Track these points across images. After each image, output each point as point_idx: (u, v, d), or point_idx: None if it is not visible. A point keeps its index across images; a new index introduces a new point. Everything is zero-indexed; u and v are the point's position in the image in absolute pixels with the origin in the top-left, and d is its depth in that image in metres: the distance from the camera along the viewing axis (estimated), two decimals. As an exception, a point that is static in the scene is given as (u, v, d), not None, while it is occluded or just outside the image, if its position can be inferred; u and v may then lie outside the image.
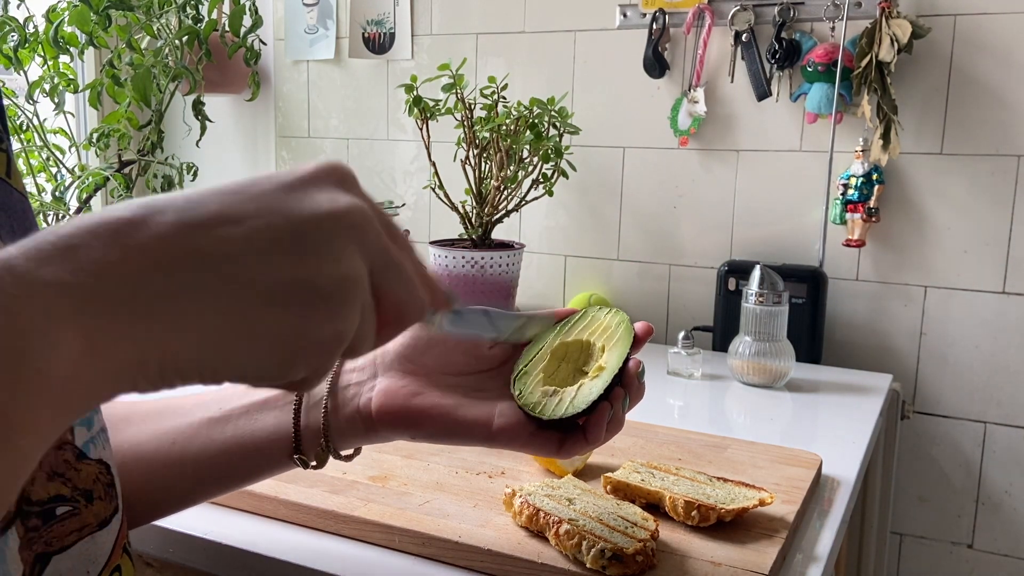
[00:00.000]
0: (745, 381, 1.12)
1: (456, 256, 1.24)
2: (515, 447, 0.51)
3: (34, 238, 0.27)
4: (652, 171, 1.40)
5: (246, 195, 0.31)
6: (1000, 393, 1.24)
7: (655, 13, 1.34)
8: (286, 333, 0.30)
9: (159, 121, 1.51)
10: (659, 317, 1.43)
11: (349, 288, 0.31)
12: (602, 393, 0.51)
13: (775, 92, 1.29)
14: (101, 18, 1.36)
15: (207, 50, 1.49)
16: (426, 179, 1.57)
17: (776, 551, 0.60)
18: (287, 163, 1.72)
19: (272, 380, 0.31)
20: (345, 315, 0.31)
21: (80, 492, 0.38)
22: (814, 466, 0.76)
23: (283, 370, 0.31)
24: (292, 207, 0.31)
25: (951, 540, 1.29)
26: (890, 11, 1.18)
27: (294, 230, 0.30)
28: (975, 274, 1.23)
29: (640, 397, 0.54)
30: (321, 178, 0.33)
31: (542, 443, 0.50)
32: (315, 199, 0.31)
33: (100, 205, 1.73)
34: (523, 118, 1.21)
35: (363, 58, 1.60)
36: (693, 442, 0.82)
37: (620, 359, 0.53)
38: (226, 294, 0.29)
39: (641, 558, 0.55)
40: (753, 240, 1.35)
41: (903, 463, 1.30)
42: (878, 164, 1.23)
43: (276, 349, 0.30)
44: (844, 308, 1.30)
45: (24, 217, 0.33)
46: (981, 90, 1.20)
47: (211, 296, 0.28)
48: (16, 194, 0.33)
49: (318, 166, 0.33)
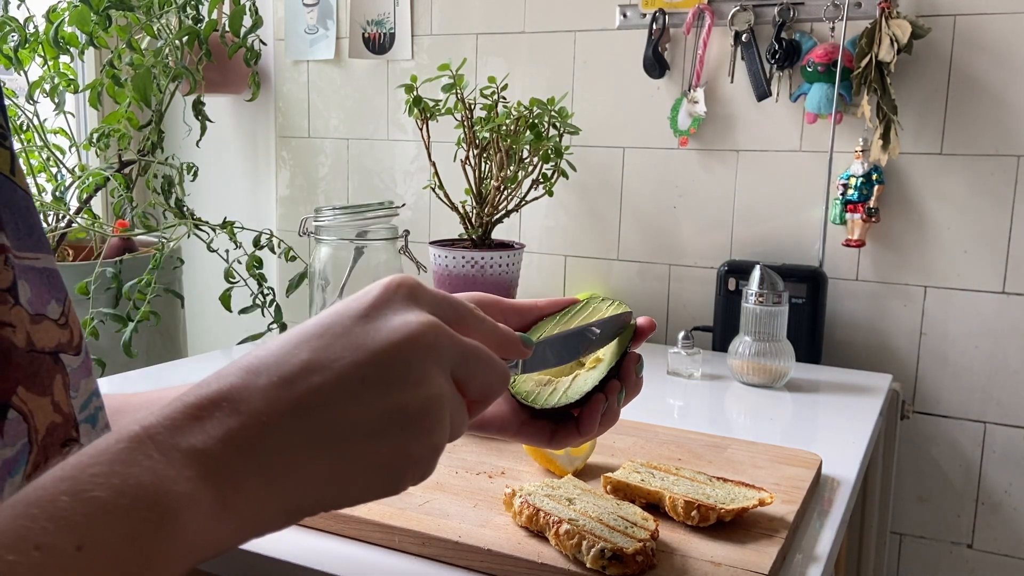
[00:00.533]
0: (745, 381, 1.12)
1: (456, 256, 1.24)
2: (506, 436, 0.51)
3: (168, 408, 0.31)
4: (652, 171, 1.40)
5: (328, 337, 0.34)
6: (1000, 393, 1.24)
7: (655, 13, 1.34)
8: (389, 458, 0.33)
9: (159, 121, 1.51)
10: (659, 317, 1.43)
11: (435, 404, 0.34)
12: (597, 384, 0.50)
13: (775, 92, 1.29)
14: (101, 18, 1.36)
15: (207, 50, 1.49)
16: (426, 179, 1.57)
17: (776, 551, 0.60)
18: (287, 163, 1.73)
19: (385, 496, 0.35)
20: (437, 429, 0.35)
21: None
22: (814, 466, 0.76)
23: (392, 488, 0.34)
24: (371, 340, 0.34)
25: (951, 540, 1.29)
26: (890, 11, 1.18)
27: (377, 364, 0.33)
28: (975, 274, 1.23)
29: (637, 391, 0.54)
30: (390, 299, 0.35)
31: (533, 433, 0.51)
32: (390, 325, 0.34)
33: (100, 205, 1.73)
34: (523, 118, 1.21)
35: (363, 58, 1.61)
36: (693, 442, 0.82)
37: (618, 352, 0.52)
38: (330, 439, 0.32)
39: (641, 558, 0.55)
40: (753, 240, 1.35)
41: (903, 463, 1.30)
42: (878, 164, 1.23)
43: (383, 474, 0.33)
44: (844, 308, 1.30)
45: (28, 214, 0.34)
46: (981, 90, 1.20)
47: (318, 444, 0.32)
48: (20, 191, 0.33)
49: (385, 287, 0.36)
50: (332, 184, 1.68)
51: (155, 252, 1.33)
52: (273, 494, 0.31)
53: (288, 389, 0.32)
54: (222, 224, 1.39)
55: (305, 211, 1.70)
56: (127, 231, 1.43)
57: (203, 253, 1.39)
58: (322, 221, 1.16)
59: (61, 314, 0.35)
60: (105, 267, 1.31)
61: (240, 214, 1.67)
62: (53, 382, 0.34)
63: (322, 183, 1.70)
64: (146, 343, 1.39)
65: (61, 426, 0.34)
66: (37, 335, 0.33)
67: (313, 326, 0.35)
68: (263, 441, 0.31)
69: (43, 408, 0.33)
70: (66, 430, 0.35)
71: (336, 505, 0.33)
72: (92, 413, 0.37)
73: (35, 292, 0.33)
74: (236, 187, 1.80)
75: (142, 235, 1.45)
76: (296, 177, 1.72)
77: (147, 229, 1.42)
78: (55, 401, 0.34)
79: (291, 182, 1.73)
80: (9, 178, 0.32)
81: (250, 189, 1.78)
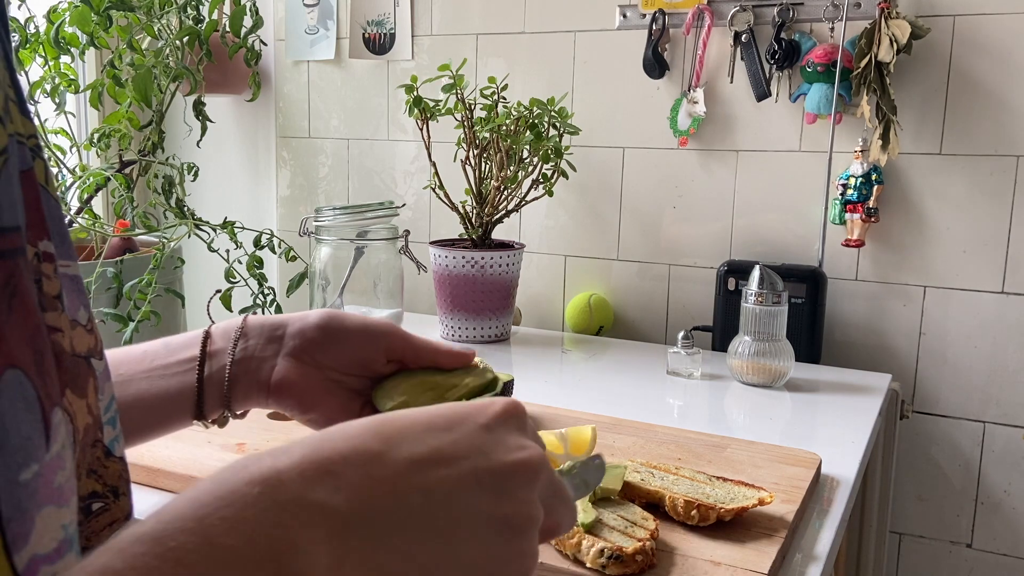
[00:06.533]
0: (745, 381, 1.12)
1: (456, 256, 1.24)
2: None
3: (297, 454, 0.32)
4: (652, 171, 1.41)
5: (456, 433, 0.36)
6: (999, 393, 1.24)
7: (655, 14, 1.34)
8: (484, 561, 0.35)
9: (160, 121, 1.51)
10: (659, 317, 1.43)
11: (533, 525, 0.37)
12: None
13: (774, 92, 1.29)
14: (102, 19, 1.36)
15: (208, 51, 1.50)
16: (426, 179, 1.57)
17: (775, 550, 0.60)
18: (287, 163, 1.73)
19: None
20: (531, 547, 0.38)
21: (109, 488, 0.40)
22: (813, 465, 0.76)
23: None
24: (492, 452, 0.37)
25: (950, 539, 1.29)
26: (889, 11, 1.19)
27: (496, 473, 0.36)
28: (974, 274, 1.23)
29: None
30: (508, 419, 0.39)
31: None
32: (508, 445, 0.38)
33: (101, 205, 1.73)
34: (523, 118, 1.22)
35: (363, 58, 1.61)
36: (693, 442, 0.82)
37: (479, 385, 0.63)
38: (443, 526, 0.34)
39: (641, 557, 0.56)
40: (753, 240, 1.35)
41: (902, 463, 1.30)
42: (877, 164, 1.23)
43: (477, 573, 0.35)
44: (843, 308, 1.31)
45: (61, 223, 0.35)
46: (980, 90, 1.20)
47: (432, 528, 0.33)
48: (53, 200, 0.34)
49: (505, 408, 0.39)
50: (332, 184, 1.69)
51: (156, 252, 1.33)
52: (383, 565, 0.32)
53: (417, 471, 0.34)
54: (223, 224, 1.39)
55: (305, 211, 1.70)
56: (128, 231, 1.43)
57: (203, 253, 1.40)
58: (322, 221, 1.17)
59: (88, 320, 0.36)
60: (106, 267, 1.31)
61: (240, 214, 1.67)
62: (87, 385, 0.35)
63: (322, 183, 1.70)
64: (147, 343, 1.39)
65: (92, 427, 0.36)
66: (75, 340, 0.34)
67: (439, 417, 0.37)
68: (385, 514, 0.32)
69: (81, 410, 0.35)
70: (95, 431, 0.36)
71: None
72: (112, 415, 0.39)
73: (69, 299, 0.35)
74: (236, 187, 1.80)
75: (143, 235, 1.45)
76: (296, 177, 1.72)
77: (148, 229, 1.42)
78: (88, 403, 0.35)
79: (291, 182, 1.73)
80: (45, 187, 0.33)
81: (250, 189, 1.79)
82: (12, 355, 0.27)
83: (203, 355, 0.58)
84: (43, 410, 0.29)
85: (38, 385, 0.29)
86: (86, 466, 0.37)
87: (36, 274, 0.32)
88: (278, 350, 0.59)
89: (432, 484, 0.34)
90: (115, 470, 0.40)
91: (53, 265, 0.33)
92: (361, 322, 0.62)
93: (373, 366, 0.61)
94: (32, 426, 0.28)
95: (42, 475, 0.29)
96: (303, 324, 0.60)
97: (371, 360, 0.61)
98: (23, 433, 0.27)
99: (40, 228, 0.32)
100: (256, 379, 0.59)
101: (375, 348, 0.61)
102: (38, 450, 0.28)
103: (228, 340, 0.59)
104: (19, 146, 0.31)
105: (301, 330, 0.60)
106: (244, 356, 0.59)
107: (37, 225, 0.32)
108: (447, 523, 0.34)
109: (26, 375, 0.28)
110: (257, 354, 0.59)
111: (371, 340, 0.61)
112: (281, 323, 0.61)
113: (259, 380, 0.59)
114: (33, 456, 0.28)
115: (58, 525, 0.30)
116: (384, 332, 0.62)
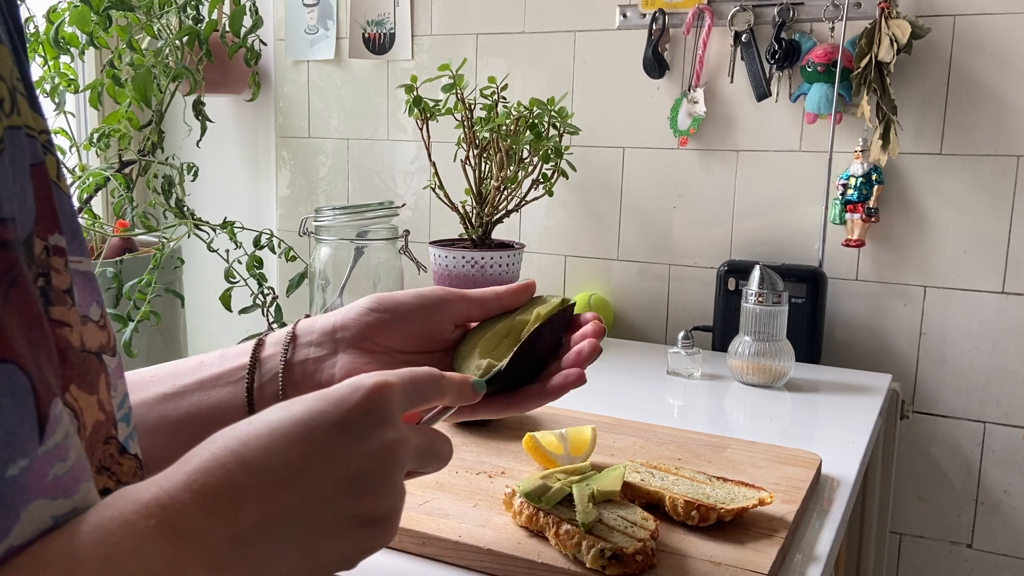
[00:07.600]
0: (745, 381, 1.12)
1: (456, 256, 1.24)
2: (462, 416, 0.55)
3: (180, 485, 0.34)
4: (652, 171, 1.41)
5: (313, 444, 0.37)
6: (999, 393, 1.24)
7: (655, 13, 1.34)
8: (349, 553, 0.39)
9: (159, 121, 1.51)
10: (659, 317, 1.43)
11: (395, 512, 0.40)
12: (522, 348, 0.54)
13: (775, 92, 1.29)
14: (102, 18, 1.36)
15: (207, 50, 1.49)
16: (426, 179, 1.57)
17: (776, 551, 0.60)
18: (287, 163, 1.73)
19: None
20: (393, 530, 0.40)
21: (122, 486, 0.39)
22: (814, 466, 0.76)
23: (346, 570, 0.40)
24: (349, 455, 0.38)
25: (950, 540, 1.29)
26: (889, 11, 1.19)
27: (354, 478, 0.38)
28: (974, 274, 1.23)
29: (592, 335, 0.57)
30: (368, 409, 0.39)
31: (485, 405, 0.55)
32: (368, 445, 0.39)
33: (101, 205, 1.73)
34: (523, 118, 1.22)
35: (363, 58, 1.61)
36: (693, 442, 0.82)
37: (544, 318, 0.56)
38: (305, 539, 0.36)
39: (641, 558, 0.56)
40: (753, 240, 1.35)
41: (902, 463, 1.30)
42: (877, 164, 1.23)
43: (340, 564, 0.39)
44: (844, 308, 1.31)
45: (73, 219, 0.35)
46: (980, 90, 1.20)
47: (294, 543, 0.36)
48: (65, 196, 0.34)
49: (364, 397, 0.39)
50: (332, 184, 1.68)
51: (155, 252, 1.33)
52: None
53: (278, 494, 0.36)
54: (222, 224, 1.39)
55: (305, 211, 1.70)
56: (127, 231, 1.43)
57: (203, 253, 1.39)
58: (322, 221, 1.16)
59: (100, 316, 0.36)
60: (106, 267, 1.31)
61: (240, 214, 1.67)
62: (99, 381, 0.35)
63: (322, 183, 1.70)
64: (146, 343, 1.39)
65: (104, 423, 0.36)
66: (86, 336, 0.34)
67: (298, 428, 0.38)
68: (254, 542, 0.35)
69: (91, 406, 0.35)
70: (107, 428, 0.36)
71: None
72: (126, 412, 0.39)
73: (80, 295, 0.35)
74: (236, 187, 1.80)
75: (142, 235, 1.45)
76: (296, 177, 1.72)
77: (147, 229, 1.42)
78: (100, 400, 0.35)
79: (291, 182, 1.73)
80: (57, 183, 0.33)
81: (250, 189, 1.79)
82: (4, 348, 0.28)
83: (253, 362, 0.56)
84: (38, 402, 0.29)
85: (35, 377, 0.29)
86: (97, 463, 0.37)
87: (45, 268, 0.32)
88: (335, 347, 0.56)
89: (293, 507, 0.36)
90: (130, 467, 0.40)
91: (64, 259, 0.33)
92: (414, 294, 0.58)
93: (440, 336, 0.58)
94: (20, 420, 0.28)
95: (32, 469, 0.28)
96: (353, 313, 0.57)
97: (436, 331, 0.58)
98: (8, 428, 0.28)
99: (51, 222, 0.32)
100: (318, 381, 0.56)
101: (438, 318, 0.58)
102: (27, 444, 0.28)
103: (278, 345, 0.57)
104: (29, 140, 0.31)
105: (354, 319, 0.57)
106: (299, 360, 0.56)
107: (48, 219, 0.32)
108: (314, 533, 0.37)
109: (20, 367, 0.28)
110: (313, 355, 0.56)
111: (431, 311, 0.58)
112: (331, 319, 0.58)
113: (321, 382, 0.56)
114: (21, 450, 0.28)
115: (48, 517, 0.30)
116: (441, 298, 0.58)
